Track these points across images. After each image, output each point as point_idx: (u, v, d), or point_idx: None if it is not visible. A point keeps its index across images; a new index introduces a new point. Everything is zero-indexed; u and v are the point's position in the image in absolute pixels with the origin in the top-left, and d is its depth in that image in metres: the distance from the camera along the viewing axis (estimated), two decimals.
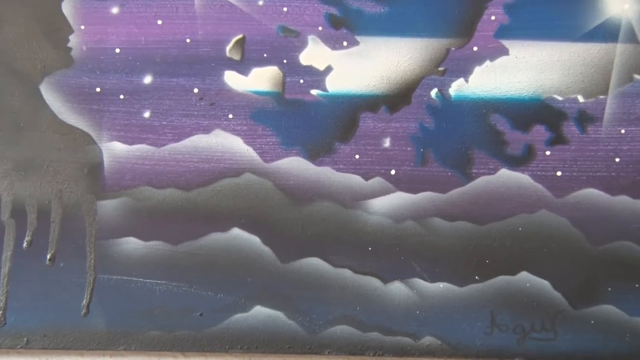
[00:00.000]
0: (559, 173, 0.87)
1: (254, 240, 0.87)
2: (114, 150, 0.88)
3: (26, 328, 0.86)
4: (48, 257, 0.87)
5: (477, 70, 0.88)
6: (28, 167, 0.88)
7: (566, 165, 0.87)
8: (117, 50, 0.89)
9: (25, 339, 0.86)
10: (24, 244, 0.87)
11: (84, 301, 0.87)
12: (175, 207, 0.88)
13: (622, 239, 0.87)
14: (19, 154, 0.88)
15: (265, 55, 0.89)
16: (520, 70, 0.88)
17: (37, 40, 0.89)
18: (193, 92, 0.89)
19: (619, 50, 0.88)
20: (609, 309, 0.86)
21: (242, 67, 0.89)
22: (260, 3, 0.89)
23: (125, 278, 0.87)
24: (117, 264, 0.87)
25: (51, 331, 0.86)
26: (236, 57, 0.89)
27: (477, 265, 0.87)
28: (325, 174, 0.88)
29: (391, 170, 0.88)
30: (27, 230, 0.88)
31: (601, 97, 0.88)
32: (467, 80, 0.88)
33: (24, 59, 0.89)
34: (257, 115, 0.89)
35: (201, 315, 0.86)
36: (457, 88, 0.88)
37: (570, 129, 0.88)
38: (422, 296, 0.86)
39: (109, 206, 0.87)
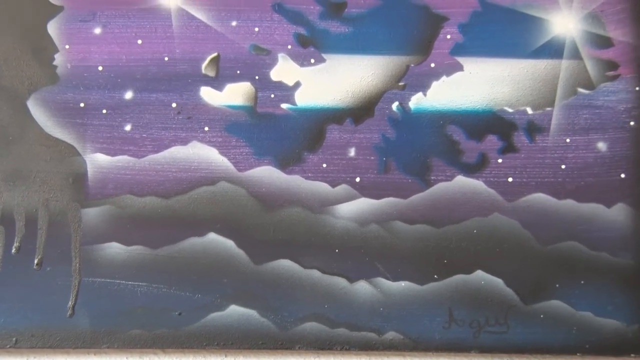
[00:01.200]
0: (510, 179, 0.89)
1: (229, 244, 0.87)
2: (97, 161, 0.88)
3: (15, 329, 0.85)
4: (35, 261, 0.86)
5: (435, 85, 0.90)
6: (16, 178, 0.87)
7: (517, 172, 0.89)
8: (100, 68, 0.89)
9: (14, 339, 0.85)
10: (13, 250, 0.87)
11: (70, 303, 0.86)
12: (155, 214, 0.87)
13: (568, 239, 0.88)
14: (7, 165, 0.87)
15: (238, 72, 0.90)
16: (473, 84, 0.90)
17: (25, 58, 0.89)
18: (171, 106, 0.89)
19: (564, 65, 0.90)
20: (556, 304, 0.87)
21: (217, 83, 0.90)
22: (234, 24, 0.90)
23: (109, 281, 0.86)
24: (100, 268, 0.86)
25: (39, 331, 0.85)
26: (211, 73, 0.90)
27: (435, 264, 0.88)
28: (295, 181, 0.89)
29: (356, 177, 0.89)
30: (15, 236, 0.87)
31: (548, 109, 0.90)
32: (425, 94, 0.90)
33: (12, 77, 0.89)
34: (231, 128, 0.89)
35: (180, 314, 0.86)
36: (416, 101, 0.90)
37: (520, 138, 0.89)
38: (386, 294, 0.87)
39: (92, 213, 0.87)
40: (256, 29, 0.90)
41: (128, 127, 0.89)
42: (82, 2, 0.90)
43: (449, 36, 0.90)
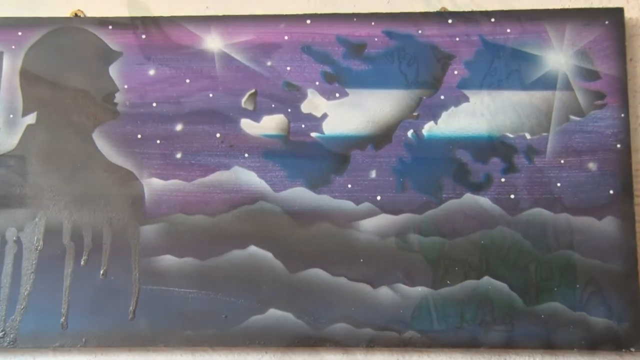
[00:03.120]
0: (512, 196, 0.94)
1: (267, 255, 0.93)
2: (152, 184, 0.95)
3: (84, 330, 0.91)
4: (101, 272, 0.93)
5: (444, 114, 0.97)
6: (84, 200, 0.95)
7: (518, 190, 0.95)
8: (154, 104, 0.97)
9: (83, 339, 0.91)
10: (82, 262, 0.93)
11: (131, 307, 0.92)
12: (203, 230, 0.94)
13: (564, 248, 0.93)
14: (76, 189, 0.95)
15: (273, 105, 0.97)
16: (478, 114, 0.96)
17: (90, 97, 0.97)
18: (216, 136, 0.96)
19: (558, 96, 0.96)
20: (555, 306, 0.91)
21: (255, 115, 0.97)
22: (269, 64, 0.98)
23: (164, 288, 0.92)
24: (157, 277, 0.92)
25: (104, 332, 0.91)
26: (250, 107, 0.97)
27: (448, 272, 0.92)
28: (324, 200, 0.95)
29: (377, 196, 0.95)
30: (84, 250, 0.94)
31: (544, 134, 0.96)
32: (436, 123, 0.97)
33: (80, 113, 0.97)
34: (268, 154, 0.96)
35: (226, 317, 0.91)
36: (429, 129, 0.96)
37: (520, 160, 0.96)
38: (404, 298, 0.92)
39: (149, 230, 0.94)
40: (288, 68, 0.98)
41: (179, 155, 0.96)
42: (139, 48, 0.99)
43: (456, 72, 0.97)
